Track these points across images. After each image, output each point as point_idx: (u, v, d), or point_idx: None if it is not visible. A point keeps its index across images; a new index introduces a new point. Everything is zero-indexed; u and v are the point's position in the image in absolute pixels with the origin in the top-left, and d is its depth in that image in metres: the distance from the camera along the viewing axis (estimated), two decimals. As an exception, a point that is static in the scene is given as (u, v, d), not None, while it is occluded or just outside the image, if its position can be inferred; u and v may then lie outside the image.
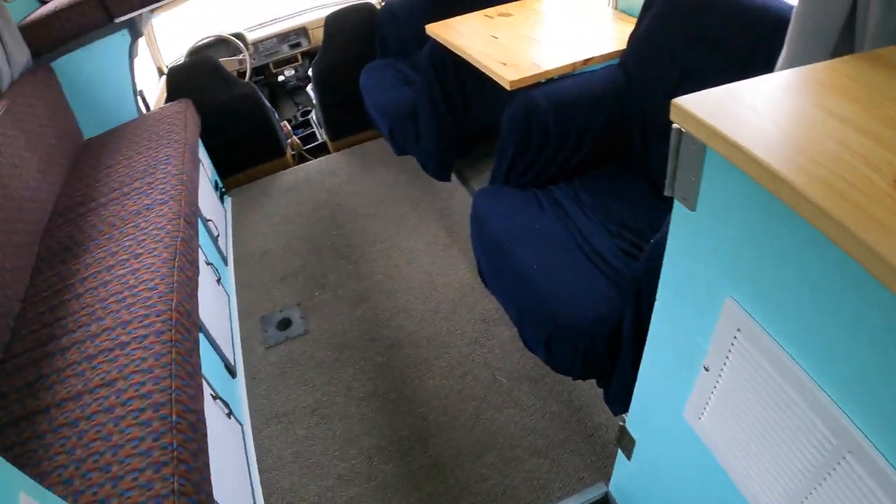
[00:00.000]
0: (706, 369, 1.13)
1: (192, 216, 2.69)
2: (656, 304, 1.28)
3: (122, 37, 3.43)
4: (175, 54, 4.51)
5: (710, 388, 1.14)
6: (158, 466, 1.59)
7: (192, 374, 1.97)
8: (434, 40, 2.83)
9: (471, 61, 2.53)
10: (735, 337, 1.02)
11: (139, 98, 3.61)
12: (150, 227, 2.55)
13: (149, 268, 2.32)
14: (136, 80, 3.57)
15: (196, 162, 3.14)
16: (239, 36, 4.42)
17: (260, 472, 2.38)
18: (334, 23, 3.81)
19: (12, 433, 1.91)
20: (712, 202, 0.99)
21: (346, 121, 4.11)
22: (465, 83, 3.03)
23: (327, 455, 2.36)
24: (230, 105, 3.74)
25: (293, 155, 4.29)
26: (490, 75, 2.41)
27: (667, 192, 1.06)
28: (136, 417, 1.74)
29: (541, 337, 1.94)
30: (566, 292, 1.88)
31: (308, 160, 4.31)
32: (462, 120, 3.13)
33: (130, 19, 3.37)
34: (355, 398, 2.54)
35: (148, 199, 2.73)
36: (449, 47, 2.71)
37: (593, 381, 2.26)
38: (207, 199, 3.28)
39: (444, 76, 2.98)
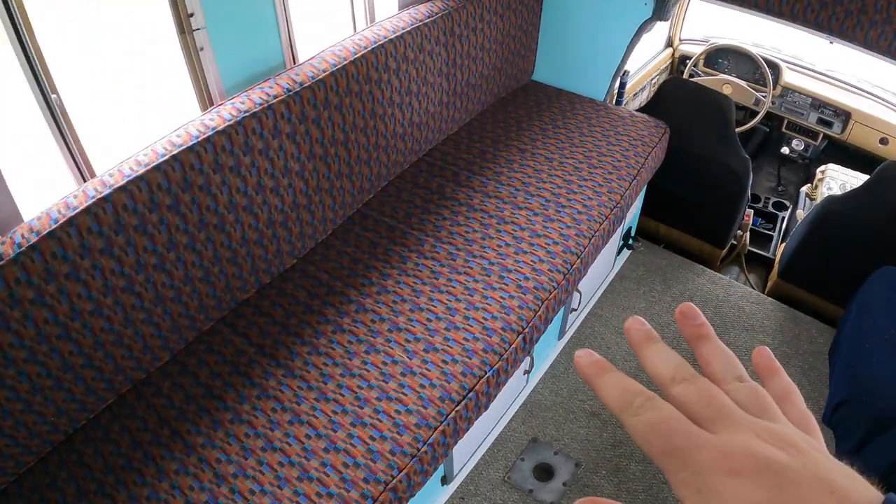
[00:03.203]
0: None
1: (576, 278, 1.99)
2: None
3: (643, 6, 2.39)
4: (690, 31, 3.41)
5: None
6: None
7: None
8: None
9: None
10: None
11: (617, 81, 2.63)
12: (530, 264, 1.91)
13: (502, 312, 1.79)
14: (629, 62, 2.58)
15: (624, 212, 2.16)
16: (774, 67, 3.11)
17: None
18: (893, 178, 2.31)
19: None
20: None
21: (818, 279, 2.65)
22: None
23: None
24: (710, 169, 2.60)
25: (731, 245, 2.99)
26: None
27: None
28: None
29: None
30: None
31: (741, 268, 3.00)
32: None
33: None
34: None
35: (554, 224, 2.05)
36: None
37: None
38: (605, 251, 2.36)
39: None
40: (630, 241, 2.80)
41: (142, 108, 4.21)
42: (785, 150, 3.29)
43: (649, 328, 0.36)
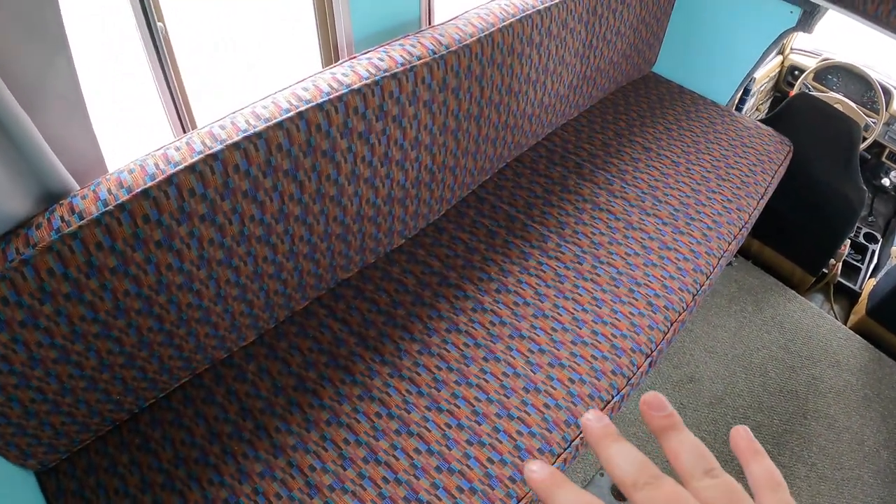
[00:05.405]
0: None
1: (702, 300, 1.72)
2: None
3: (789, 14, 2.10)
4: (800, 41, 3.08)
5: None
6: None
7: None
8: None
9: None
10: None
11: (742, 88, 2.34)
12: (660, 280, 1.64)
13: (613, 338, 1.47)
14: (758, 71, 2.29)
15: (747, 232, 1.91)
16: (887, 93, 2.80)
17: None
18: None
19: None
20: None
21: None
22: None
23: None
24: (826, 195, 2.32)
25: (822, 275, 2.74)
26: None
27: None
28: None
29: None
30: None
31: (826, 297, 2.75)
32: None
33: (812, 4, 2.02)
34: None
35: (684, 238, 1.76)
36: None
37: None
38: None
39: None
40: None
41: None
42: (885, 181, 3.00)
43: (608, 422, 0.32)
